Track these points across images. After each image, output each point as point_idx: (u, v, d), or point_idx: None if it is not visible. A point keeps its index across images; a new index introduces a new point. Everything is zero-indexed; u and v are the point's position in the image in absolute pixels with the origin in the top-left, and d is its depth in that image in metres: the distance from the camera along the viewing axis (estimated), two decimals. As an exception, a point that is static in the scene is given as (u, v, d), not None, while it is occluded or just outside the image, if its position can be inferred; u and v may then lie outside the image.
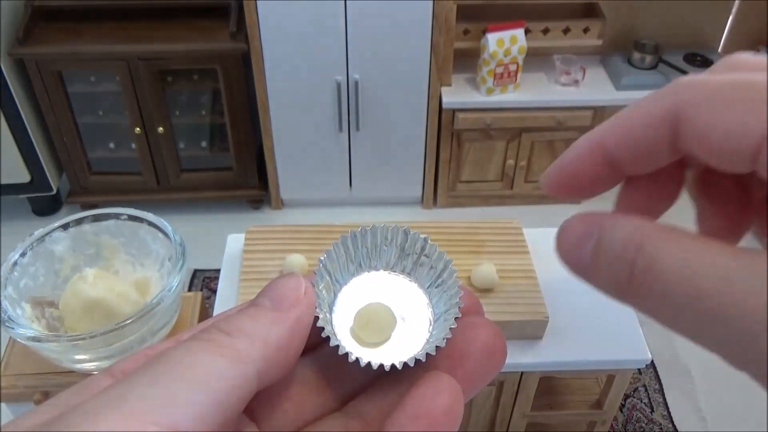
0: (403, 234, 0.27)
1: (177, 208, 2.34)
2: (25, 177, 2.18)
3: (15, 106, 2.02)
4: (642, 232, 0.20)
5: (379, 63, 2.05)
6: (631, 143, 0.22)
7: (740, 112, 0.19)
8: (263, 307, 0.21)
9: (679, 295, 0.18)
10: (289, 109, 2.13)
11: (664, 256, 0.19)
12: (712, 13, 2.25)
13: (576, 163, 0.23)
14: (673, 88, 0.21)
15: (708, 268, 0.18)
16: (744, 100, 0.19)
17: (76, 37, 2.01)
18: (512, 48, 2.02)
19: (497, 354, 0.23)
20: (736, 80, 0.20)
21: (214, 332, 0.20)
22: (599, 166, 0.23)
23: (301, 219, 2.34)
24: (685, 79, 0.21)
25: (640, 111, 0.21)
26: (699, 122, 0.20)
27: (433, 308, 0.26)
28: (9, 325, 0.84)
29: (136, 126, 2.13)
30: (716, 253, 0.18)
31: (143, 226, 0.98)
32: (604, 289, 0.21)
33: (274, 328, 0.21)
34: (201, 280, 2.14)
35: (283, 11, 1.92)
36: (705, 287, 0.18)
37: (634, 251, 0.20)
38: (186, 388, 0.18)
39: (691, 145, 0.20)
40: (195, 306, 1.09)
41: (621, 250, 0.20)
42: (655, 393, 1.85)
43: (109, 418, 0.17)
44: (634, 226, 0.20)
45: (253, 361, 0.20)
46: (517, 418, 1.36)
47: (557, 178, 0.23)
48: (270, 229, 1.25)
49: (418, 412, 0.21)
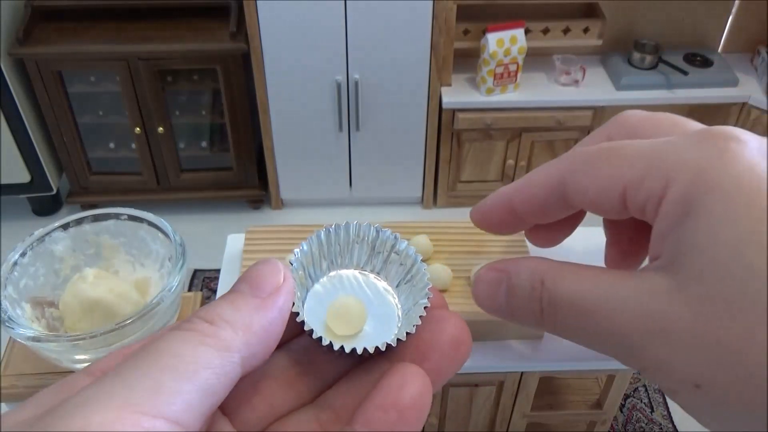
0: (375, 231, 0.28)
1: (177, 208, 2.34)
2: (25, 177, 2.18)
3: (15, 106, 2.02)
4: (541, 271, 0.24)
5: (379, 63, 2.05)
6: (532, 204, 0.26)
7: (605, 173, 0.23)
8: (244, 294, 0.22)
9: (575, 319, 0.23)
10: (289, 109, 2.13)
11: (560, 288, 0.23)
12: (712, 13, 2.25)
13: (491, 212, 0.28)
14: (563, 158, 0.26)
15: (591, 292, 0.22)
16: (608, 162, 0.23)
17: (76, 37, 2.01)
18: (512, 48, 2.02)
19: (463, 346, 0.24)
20: (602, 148, 0.24)
21: (197, 321, 0.20)
22: (508, 216, 0.28)
23: (301, 219, 2.34)
24: (571, 151, 0.26)
25: (538, 177, 0.26)
26: (578, 185, 0.24)
27: (401, 304, 0.27)
28: (9, 325, 0.84)
29: (136, 126, 2.13)
30: (600, 278, 0.22)
31: (143, 226, 0.98)
32: (524, 324, 0.25)
33: (256, 315, 0.21)
34: (201, 280, 2.14)
35: (283, 11, 1.92)
36: (591, 309, 0.22)
37: (539, 289, 0.24)
38: (173, 378, 0.18)
39: (577, 203, 0.25)
40: (195, 306, 1.09)
41: (529, 289, 0.24)
42: (655, 393, 1.85)
43: (100, 411, 0.17)
44: (534, 267, 0.24)
45: (237, 348, 0.20)
46: (517, 418, 1.36)
47: (478, 220, 0.29)
48: (270, 229, 1.25)
49: (386, 402, 0.21)
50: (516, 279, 0.25)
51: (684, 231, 0.21)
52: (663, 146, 0.23)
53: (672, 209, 0.21)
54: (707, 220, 0.20)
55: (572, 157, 0.25)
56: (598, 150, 0.24)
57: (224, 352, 0.20)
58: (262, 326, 0.21)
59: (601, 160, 0.24)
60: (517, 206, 0.27)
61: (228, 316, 0.21)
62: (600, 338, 0.22)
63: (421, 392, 0.22)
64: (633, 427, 1.77)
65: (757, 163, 0.21)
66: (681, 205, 0.21)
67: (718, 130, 0.22)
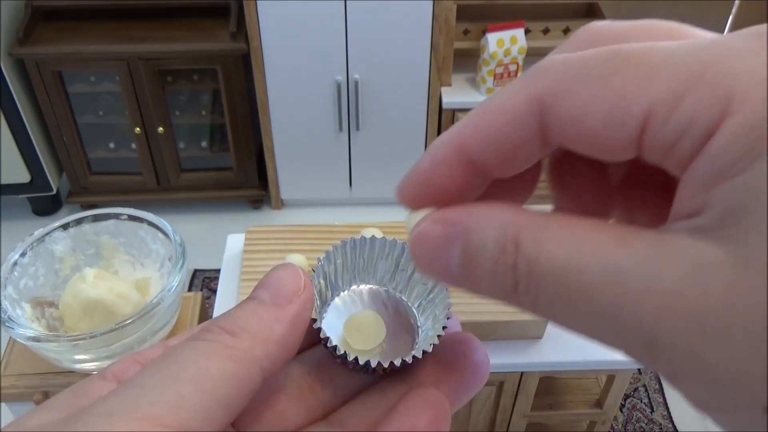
0: (401, 248, 0.27)
1: (177, 208, 2.34)
2: (25, 177, 2.18)
3: (15, 106, 2.02)
4: (516, 227, 0.17)
5: (379, 63, 2.05)
6: (495, 143, 0.18)
7: (616, 89, 0.16)
8: (264, 303, 0.21)
9: (566, 299, 0.16)
10: (289, 109, 2.13)
11: (545, 254, 0.16)
12: (712, 13, 2.25)
13: (434, 171, 0.19)
14: (533, 73, 0.18)
15: (592, 263, 0.16)
16: (619, 73, 0.16)
17: (76, 37, 2.01)
18: (512, 48, 2.02)
19: (482, 370, 0.23)
20: (602, 53, 0.17)
21: (218, 332, 0.20)
22: (461, 171, 0.19)
23: (301, 219, 2.33)
24: (544, 61, 0.18)
25: (500, 104, 0.18)
26: (568, 109, 0.17)
27: (420, 324, 0.26)
28: (9, 325, 0.84)
29: (136, 126, 2.13)
30: (600, 241, 0.16)
31: (143, 226, 0.98)
32: (490, 298, 0.18)
33: (276, 325, 0.21)
34: (201, 280, 2.14)
35: (283, 11, 1.92)
36: (590, 287, 0.16)
37: (512, 253, 0.17)
38: (195, 392, 0.18)
39: (563, 138, 0.17)
40: (195, 306, 1.09)
41: (497, 253, 0.17)
42: (655, 393, 1.85)
43: (122, 421, 0.17)
44: (506, 221, 0.17)
45: (258, 359, 0.20)
46: (517, 418, 1.36)
47: (414, 188, 0.20)
48: (270, 229, 1.25)
49: (404, 426, 0.21)
50: (478, 237, 0.17)
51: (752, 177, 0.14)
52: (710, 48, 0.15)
53: (732, 144, 0.14)
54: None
55: (551, 72, 0.17)
56: (597, 56, 0.17)
57: (246, 365, 0.19)
58: (283, 336, 0.21)
59: (607, 70, 0.16)
60: (475, 153, 0.18)
61: (249, 326, 0.20)
62: (604, 328, 0.16)
63: (439, 418, 0.21)
64: (633, 427, 1.77)
65: None
66: (749, 138, 0.14)
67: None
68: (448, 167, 0.19)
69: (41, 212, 2.33)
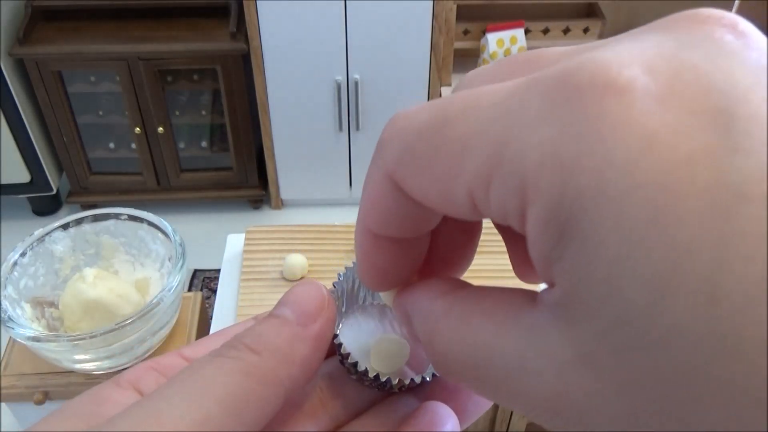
0: None
1: (177, 208, 2.34)
2: (25, 177, 2.18)
3: (15, 106, 2.02)
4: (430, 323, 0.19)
5: (379, 63, 2.05)
6: (387, 219, 0.19)
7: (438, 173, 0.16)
8: (288, 322, 0.21)
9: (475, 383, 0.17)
10: (289, 109, 2.13)
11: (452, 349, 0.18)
12: (712, 13, 2.25)
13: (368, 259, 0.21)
14: (381, 145, 0.18)
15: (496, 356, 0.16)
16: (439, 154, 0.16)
17: (76, 37, 2.01)
18: (512, 48, 2.02)
19: None
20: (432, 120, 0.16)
21: (243, 349, 0.20)
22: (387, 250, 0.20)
23: (301, 219, 2.33)
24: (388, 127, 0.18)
25: (370, 184, 0.19)
26: (412, 189, 0.17)
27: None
28: (9, 325, 0.84)
29: (136, 126, 2.13)
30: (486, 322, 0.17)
31: (143, 226, 0.98)
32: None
33: (300, 345, 0.21)
34: (201, 280, 2.14)
35: (283, 11, 1.92)
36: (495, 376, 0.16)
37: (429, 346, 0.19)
38: (221, 412, 0.18)
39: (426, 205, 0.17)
40: (195, 306, 1.09)
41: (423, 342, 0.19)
42: (655, 393, 1.85)
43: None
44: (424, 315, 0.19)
45: (282, 381, 0.20)
46: (516, 418, 1.36)
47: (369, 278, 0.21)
48: (270, 229, 1.25)
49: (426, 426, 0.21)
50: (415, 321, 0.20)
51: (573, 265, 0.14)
52: (507, 117, 0.15)
53: (543, 233, 0.14)
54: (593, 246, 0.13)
55: (393, 145, 0.17)
56: (428, 125, 0.16)
57: (270, 387, 0.19)
58: (306, 357, 0.20)
59: (431, 149, 0.16)
60: (381, 231, 0.20)
61: (273, 345, 0.20)
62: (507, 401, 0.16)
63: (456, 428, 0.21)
64: (633, 427, 1.77)
65: (652, 130, 0.13)
66: (556, 223, 0.14)
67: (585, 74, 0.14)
68: (375, 249, 0.20)
69: (41, 212, 2.33)
